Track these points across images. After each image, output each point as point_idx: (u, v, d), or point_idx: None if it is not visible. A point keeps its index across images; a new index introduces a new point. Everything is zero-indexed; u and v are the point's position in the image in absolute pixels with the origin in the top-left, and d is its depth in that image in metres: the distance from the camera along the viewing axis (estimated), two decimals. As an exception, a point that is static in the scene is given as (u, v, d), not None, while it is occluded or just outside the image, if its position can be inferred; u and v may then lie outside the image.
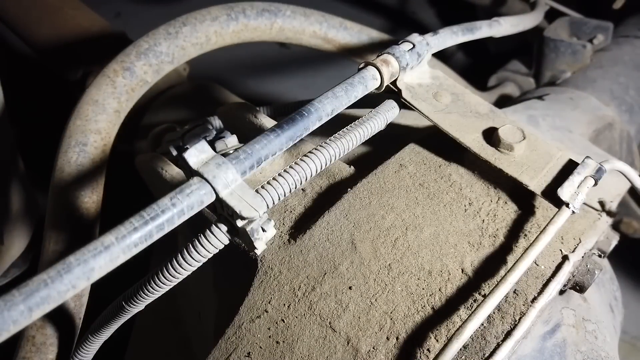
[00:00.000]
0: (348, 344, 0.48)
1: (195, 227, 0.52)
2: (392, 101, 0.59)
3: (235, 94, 1.08)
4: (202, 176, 0.39)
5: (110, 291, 0.53)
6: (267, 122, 0.67)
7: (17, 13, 1.22)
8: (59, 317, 0.64)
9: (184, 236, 0.70)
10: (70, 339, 0.65)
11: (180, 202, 0.37)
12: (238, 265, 0.57)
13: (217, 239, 0.43)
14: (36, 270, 0.68)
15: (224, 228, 0.43)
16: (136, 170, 0.71)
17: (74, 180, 0.66)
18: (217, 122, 0.73)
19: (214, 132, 0.71)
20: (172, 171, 0.65)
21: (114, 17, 1.77)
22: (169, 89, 1.14)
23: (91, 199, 0.67)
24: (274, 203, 0.45)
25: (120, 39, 1.20)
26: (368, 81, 0.53)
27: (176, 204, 0.37)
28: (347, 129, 0.52)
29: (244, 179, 0.42)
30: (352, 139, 0.51)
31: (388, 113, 0.57)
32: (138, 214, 0.36)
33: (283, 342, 0.49)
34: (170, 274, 0.44)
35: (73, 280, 0.32)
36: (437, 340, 0.47)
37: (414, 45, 0.59)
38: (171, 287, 0.46)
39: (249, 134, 0.66)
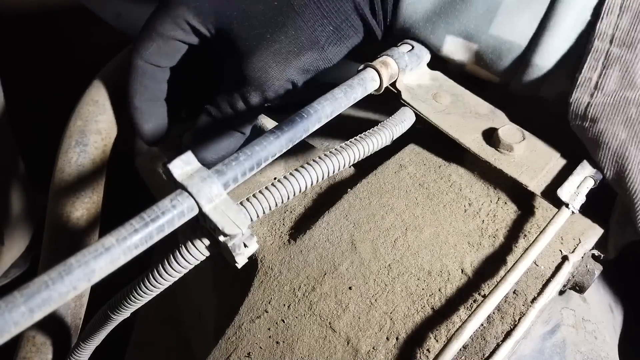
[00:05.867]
0: (348, 344, 0.48)
1: (195, 227, 0.52)
2: (407, 109, 0.58)
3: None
4: (185, 189, 0.38)
5: (110, 290, 0.53)
6: (267, 122, 0.67)
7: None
8: (59, 317, 0.64)
9: (184, 235, 0.70)
10: (71, 339, 0.65)
11: (175, 207, 0.37)
12: (238, 266, 0.57)
13: (199, 251, 0.43)
14: (36, 270, 0.68)
15: (206, 242, 0.42)
16: (136, 171, 0.71)
17: (74, 180, 0.66)
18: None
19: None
20: None
21: (114, 17, 1.77)
22: (169, 89, 1.14)
23: (91, 199, 0.67)
24: (258, 217, 0.45)
25: (121, 40, 1.20)
26: (367, 83, 0.53)
27: (175, 207, 0.37)
28: (347, 143, 0.51)
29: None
30: (349, 156, 0.50)
31: (399, 125, 0.56)
32: (138, 216, 0.36)
33: (283, 342, 0.49)
34: (151, 284, 0.44)
35: (74, 282, 0.32)
36: (437, 341, 0.47)
37: (413, 47, 0.59)
38: (154, 295, 0.46)
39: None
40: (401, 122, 0.56)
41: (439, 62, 0.61)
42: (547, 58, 0.53)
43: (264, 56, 0.56)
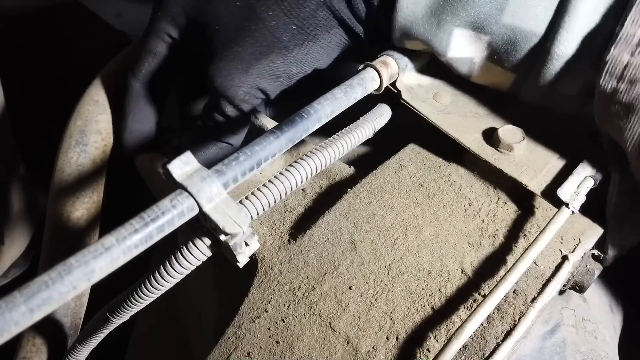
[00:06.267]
0: (348, 343, 0.48)
1: (195, 227, 0.52)
2: (384, 105, 0.59)
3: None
4: (185, 189, 0.39)
5: (111, 289, 0.53)
6: (268, 122, 0.67)
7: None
8: (59, 317, 0.64)
9: (184, 235, 0.70)
10: (70, 339, 0.65)
11: (175, 207, 0.37)
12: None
13: (201, 251, 0.43)
14: (37, 270, 0.68)
15: (207, 241, 0.42)
16: (136, 171, 0.71)
17: (74, 180, 0.66)
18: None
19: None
20: None
21: (114, 17, 1.77)
22: (169, 89, 1.14)
23: (91, 199, 0.67)
24: (258, 215, 0.45)
25: (121, 40, 1.20)
26: (367, 82, 0.53)
27: (175, 207, 0.37)
28: (335, 136, 0.52)
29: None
30: (340, 148, 0.51)
31: (378, 120, 0.57)
32: (138, 216, 0.36)
33: (283, 342, 0.49)
34: (153, 287, 0.44)
35: (74, 282, 0.32)
36: (437, 340, 0.47)
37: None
38: (155, 298, 0.46)
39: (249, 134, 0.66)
40: (380, 115, 0.57)
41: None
42: (568, 45, 0.47)
43: (225, 61, 0.55)
